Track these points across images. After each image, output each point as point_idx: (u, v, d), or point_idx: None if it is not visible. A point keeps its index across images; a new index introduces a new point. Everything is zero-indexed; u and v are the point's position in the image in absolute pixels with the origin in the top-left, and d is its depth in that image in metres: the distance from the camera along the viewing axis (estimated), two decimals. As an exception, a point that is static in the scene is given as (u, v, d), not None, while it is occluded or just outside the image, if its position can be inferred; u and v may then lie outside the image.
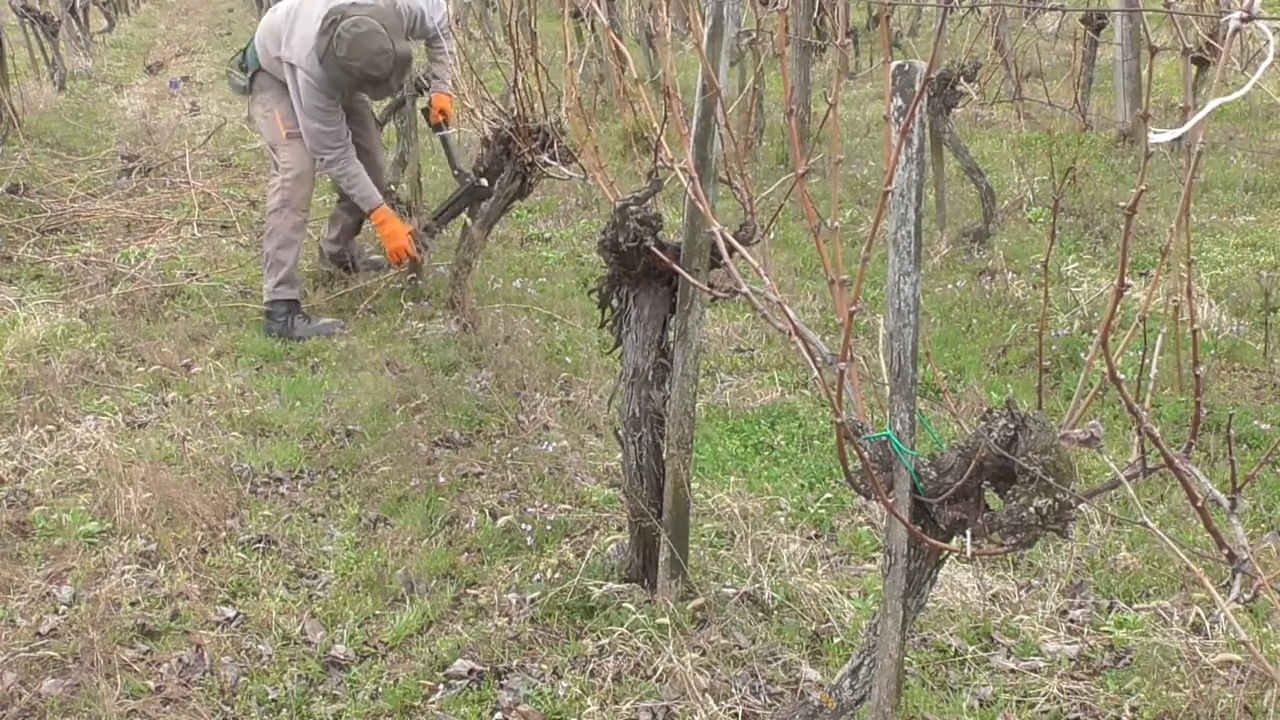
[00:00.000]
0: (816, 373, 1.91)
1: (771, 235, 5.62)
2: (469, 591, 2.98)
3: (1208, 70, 6.98)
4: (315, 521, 3.36)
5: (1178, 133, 1.30)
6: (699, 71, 2.40)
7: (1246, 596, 1.52)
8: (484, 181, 4.75)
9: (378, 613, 2.90)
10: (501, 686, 2.61)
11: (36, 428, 3.83)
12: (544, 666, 2.66)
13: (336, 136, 4.82)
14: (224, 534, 3.25)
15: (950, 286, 5.12)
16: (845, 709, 2.10)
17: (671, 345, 2.70)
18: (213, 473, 3.56)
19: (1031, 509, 1.71)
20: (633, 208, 2.58)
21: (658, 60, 7.93)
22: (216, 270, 5.66)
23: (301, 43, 4.64)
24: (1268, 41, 1.23)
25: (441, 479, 3.50)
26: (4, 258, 5.72)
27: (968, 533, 1.81)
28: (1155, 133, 1.28)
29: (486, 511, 3.33)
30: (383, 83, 4.67)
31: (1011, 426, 1.74)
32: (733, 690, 2.54)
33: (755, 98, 6.87)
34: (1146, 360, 1.69)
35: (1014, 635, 2.75)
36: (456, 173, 5.07)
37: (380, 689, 2.61)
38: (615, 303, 2.78)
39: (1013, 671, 2.62)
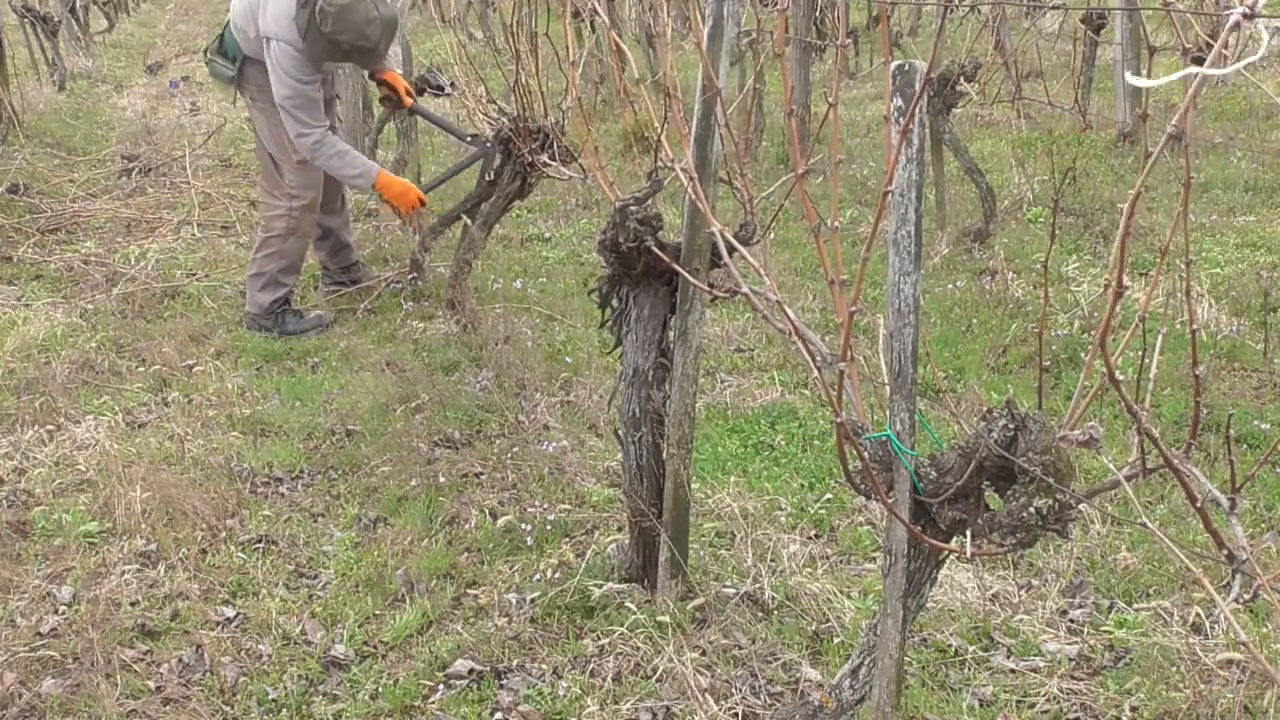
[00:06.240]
0: (816, 373, 1.91)
1: (772, 235, 5.62)
2: (469, 591, 2.98)
3: (1208, 70, 6.96)
4: (315, 521, 3.36)
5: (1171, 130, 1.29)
6: (699, 71, 2.40)
7: (1246, 596, 1.52)
8: (487, 143, 4.65)
9: (378, 613, 2.90)
10: (501, 686, 2.61)
11: (36, 428, 3.83)
12: (544, 666, 2.66)
13: (317, 113, 4.56)
14: (224, 534, 3.25)
15: (950, 286, 5.12)
16: (845, 709, 2.10)
17: (671, 345, 2.70)
18: (213, 473, 3.56)
19: (1031, 509, 1.71)
20: (633, 208, 2.58)
21: (658, 60, 7.94)
22: (216, 270, 5.66)
23: (277, 18, 4.42)
24: (1250, 33, 1.23)
25: (441, 479, 3.50)
26: (4, 258, 5.72)
27: (968, 533, 1.81)
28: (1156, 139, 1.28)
29: (486, 511, 3.33)
30: (372, 51, 4.46)
31: (1011, 426, 1.74)
32: (733, 690, 2.54)
33: (755, 98, 6.87)
34: (1146, 360, 1.69)
35: (1014, 635, 2.75)
36: (470, 138, 4.91)
37: (380, 689, 2.61)
38: (615, 303, 2.78)
39: (1013, 671, 2.62)
